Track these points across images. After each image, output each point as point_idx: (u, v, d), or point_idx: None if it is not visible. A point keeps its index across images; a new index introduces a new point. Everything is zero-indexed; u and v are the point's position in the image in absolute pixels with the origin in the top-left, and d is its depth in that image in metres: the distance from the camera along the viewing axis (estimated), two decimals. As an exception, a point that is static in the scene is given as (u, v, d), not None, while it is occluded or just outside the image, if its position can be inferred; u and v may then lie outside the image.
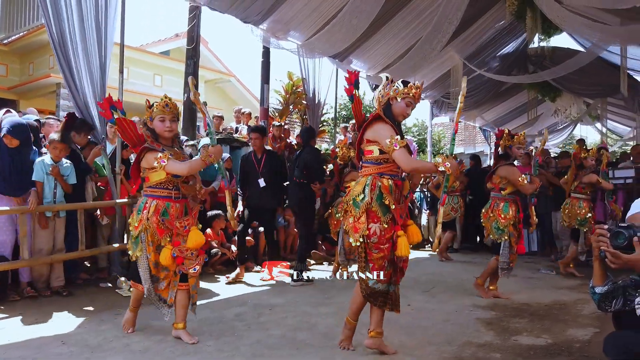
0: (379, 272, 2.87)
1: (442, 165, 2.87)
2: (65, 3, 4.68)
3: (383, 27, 8.27)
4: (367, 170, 2.97)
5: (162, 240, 3.06)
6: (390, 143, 2.81)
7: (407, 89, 2.97)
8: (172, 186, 3.11)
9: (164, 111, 3.10)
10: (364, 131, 3.00)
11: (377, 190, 2.86)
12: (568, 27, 7.54)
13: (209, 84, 16.73)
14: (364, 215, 2.86)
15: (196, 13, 7.72)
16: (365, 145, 2.99)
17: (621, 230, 1.96)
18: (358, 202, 2.90)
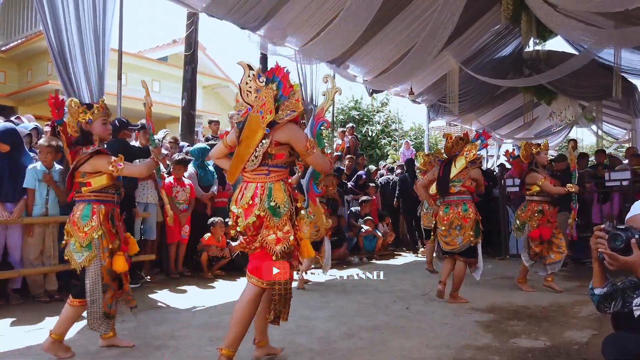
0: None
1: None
2: (64, 10, 4.71)
3: (379, 33, 8.33)
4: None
5: (113, 245, 2.97)
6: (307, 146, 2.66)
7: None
8: (114, 190, 3.03)
9: (107, 113, 3.05)
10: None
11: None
12: (562, 30, 7.61)
13: (206, 90, 16.77)
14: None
15: (194, 19, 7.76)
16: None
17: (619, 233, 1.99)
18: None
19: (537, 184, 5.05)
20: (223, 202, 6.68)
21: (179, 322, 3.84)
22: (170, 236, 5.79)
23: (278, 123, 2.58)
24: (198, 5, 6.53)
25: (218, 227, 6.02)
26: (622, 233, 1.98)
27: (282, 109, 2.61)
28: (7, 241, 4.37)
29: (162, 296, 4.83)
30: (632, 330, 2.06)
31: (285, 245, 2.59)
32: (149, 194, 5.55)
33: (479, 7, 8.54)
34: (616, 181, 7.18)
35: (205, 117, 14.23)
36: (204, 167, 6.45)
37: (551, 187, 5.04)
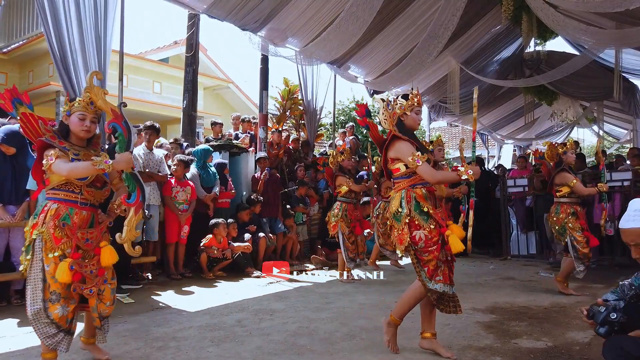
0: (434, 273, 2.96)
1: (464, 173, 3.01)
2: (65, 11, 4.73)
3: (380, 34, 8.35)
4: (400, 185, 3.13)
5: (58, 250, 2.58)
6: (412, 160, 2.98)
7: (410, 100, 3.17)
8: (77, 189, 2.67)
9: (87, 109, 2.71)
10: (386, 151, 3.18)
11: (413, 201, 3.02)
12: (563, 31, 7.60)
13: (207, 91, 16.78)
14: (406, 227, 3.00)
15: (195, 21, 7.77)
16: (390, 164, 3.17)
17: (594, 313, 2.13)
18: (398, 216, 3.04)
19: (568, 184, 4.89)
20: (226, 202, 6.69)
21: (180, 323, 3.84)
22: (169, 237, 5.80)
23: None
24: (199, 6, 6.55)
25: (221, 228, 6.03)
26: (598, 315, 2.12)
27: None
28: (10, 243, 4.38)
29: (163, 297, 4.83)
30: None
31: None
32: (151, 195, 5.55)
33: (480, 8, 8.55)
34: (617, 181, 7.17)
35: (207, 118, 14.26)
36: (206, 168, 6.46)
37: (583, 188, 4.94)
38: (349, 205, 5.71)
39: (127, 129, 2.73)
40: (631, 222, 2.05)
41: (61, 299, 2.60)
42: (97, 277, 2.72)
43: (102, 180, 2.77)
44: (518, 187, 8.39)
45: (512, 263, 7.72)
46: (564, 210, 4.97)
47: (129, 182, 2.73)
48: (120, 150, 2.71)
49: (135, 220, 2.66)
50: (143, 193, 2.69)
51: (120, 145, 2.73)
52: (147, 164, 5.57)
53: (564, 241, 5.02)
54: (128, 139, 2.73)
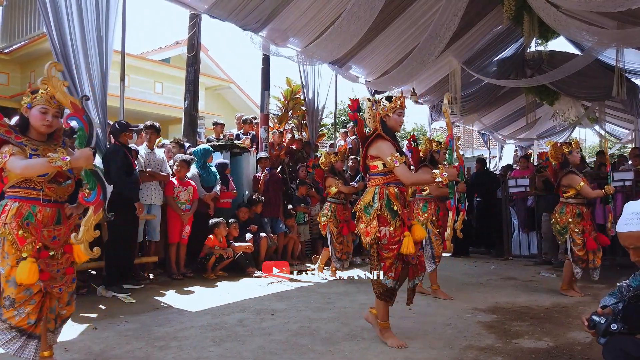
0: (389, 270, 3.16)
1: (439, 175, 3.12)
2: (67, 12, 4.74)
3: (381, 34, 8.35)
4: (375, 181, 3.29)
5: (23, 251, 2.43)
6: (391, 160, 3.13)
7: (393, 102, 3.32)
8: (39, 186, 2.52)
9: (49, 103, 2.55)
10: (367, 148, 3.32)
11: (385, 198, 3.18)
12: (565, 31, 7.59)
13: (209, 91, 16.79)
14: (375, 221, 3.18)
15: (196, 21, 7.78)
16: (369, 160, 3.31)
17: (595, 323, 2.12)
18: (369, 210, 3.21)
19: (575, 187, 4.84)
20: (227, 202, 6.69)
21: (181, 322, 3.84)
22: (171, 237, 5.80)
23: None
24: (200, 6, 6.55)
25: (221, 228, 6.04)
26: (599, 324, 2.11)
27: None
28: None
29: (164, 297, 4.83)
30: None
31: None
32: (153, 195, 5.56)
33: (481, 8, 8.54)
34: (619, 182, 7.16)
35: (208, 119, 14.27)
36: (206, 168, 6.46)
37: (590, 191, 4.88)
38: (338, 206, 5.86)
39: (88, 124, 2.57)
40: (628, 225, 2.04)
41: (16, 304, 2.44)
42: (65, 275, 2.61)
43: (65, 175, 2.59)
44: (519, 187, 8.38)
45: (513, 263, 7.72)
46: (569, 210, 4.92)
47: (89, 179, 2.56)
48: (79, 145, 2.55)
49: (94, 220, 2.51)
50: (104, 191, 2.56)
51: (80, 140, 2.56)
52: (148, 163, 5.58)
53: (563, 241, 5.02)
54: (89, 134, 2.57)
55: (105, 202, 2.58)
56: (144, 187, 5.47)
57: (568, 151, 4.98)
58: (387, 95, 3.46)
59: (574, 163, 4.97)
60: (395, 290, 3.26)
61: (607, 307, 2.20)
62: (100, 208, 2.55)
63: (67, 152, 2.45)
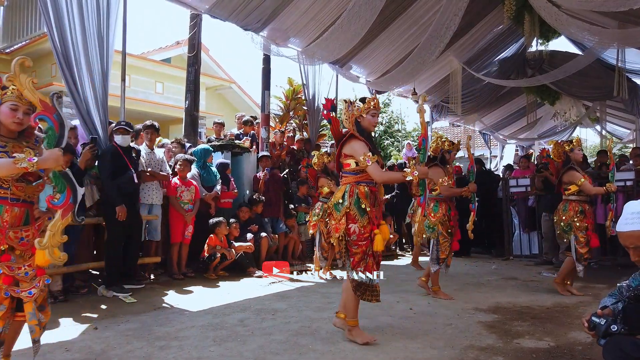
0: (358, 264, 3.26)
1: (409, 174, 3.24)
2: (68, 12, 4.74)
3: (382, 34, 8.34)
4: (347, 180, 3.39)
5: None
6: (363, 159, 3.23)
7: (366, 104, 3.40)
8: (6, 184, 2.39)
9: (21, 100, 2.42)
10: (341, 147, 3.41)
11: (354, 196, 3.28)
12: (566, 30, 7.58)
13: (210, 91, 16.80)
14: (344, 218, 3.28)
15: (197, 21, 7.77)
16: (343, 159, 3.42)
17: (595, 325, 2.13)
18: (339, 207, 3.32)
19: (576, 183, 4.82)
20: (228, 202, 6.68)
21: (182, 322, 3.85)
22: (174, 237, 5.80)
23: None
24: (201, 6, 6.55)
25: (222, 227, 6.04)
26: (600, 326, 2.12)
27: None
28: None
29: (165, 297, 4.84)
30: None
31: None
32: (154, 195, 5.55)
33: (482, 7, 8.53)
34: (620, 181, 7.16)
35: (209, 119, 14.26)
36: (207, 168, 6.47)
37: (591, 187, 4.88)
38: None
39: (59, 123, 2.42)
40: (629, 225, 2.04)
41: None
42: (36, 277, 2.44)
43: (35, 174, 2.45)
44: (520, 187, 8.38)
45: (514, 263, 7.72)
46: (572, 208, 4.89)
47: (58, 181, 2.42)
48: (49, 146, 2.42)
49: (61, 225, 2.36)
50: (74, 194, 2.44)
51: (50, 140, 2.42)
52: (148, 163, 5.58)
53: (567, 239, 4.98)
54: (60, 134, 2.44)
55: (75, 205, 2.45)
56: (145, 187, 5.46)
57: (570, 149, 4.97)
58: (362, 97, 3.53)
59: (576, 161, 4.96)
60: (373, 287, 3.32)
61: (607, 308, 2.20)
62: (70, 212, 2.41)
63: (34, 152, 2.34)
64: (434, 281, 4.91)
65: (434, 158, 4.93)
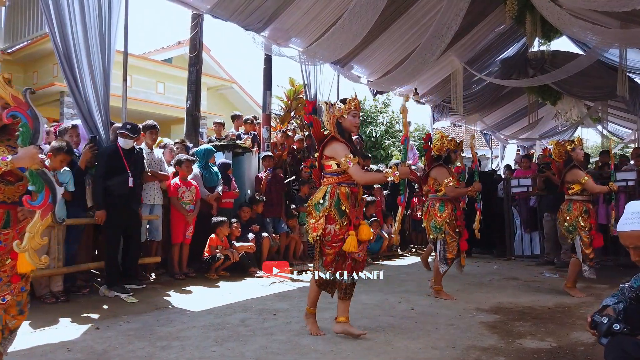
0: (330, 265, 3.34)
1: (390, 175, 3.25)
2: (69, 12, 4.75)
3: (383, 34, 8.34)
4: (328, 180, 3.42)
5: None
6: (345, 161, 3.26)
7: (347, 105, 3.42)
8: None
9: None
10: (323, 149, 3.44)
11: (335, 197, 3.31)
12: (568, 29, 7.57)
13: (211, 91, 16.81)
14: (323, 218, 3.31)
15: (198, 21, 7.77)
16: (324, 160, 3.44)
17: (597, 323, 2.12)
18: (319, 207, 3.35)
19: (579, 182, 4.80)
20: (229, 203, 6.68)
21: (184, 322, 3.85)
22: (175, 237, 5.80)
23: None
24: (203, 6, 6.56)
25: (225, 227, 6.03)
26: (601, 325, 2.12)
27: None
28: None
29: (167, 297, 4.84)
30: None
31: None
32: (155, 195, 5.55)
33: (483, 7, 8.52)
34: (622, 181, 7.15)
35: (210, 119, 14.25)
36: (208, 168, 6.47)
37: (594, 186, 4.85)
38: None
39: (33, 119, 2.30)
40: (629, 225, 2.04)
41: None
42: (12, 284, 2.33)
43: (16, 174, 2.33)
44: (522, 187, 8.37)
45: (515, 263, 7.71)
46: (577, 207, 4.85)
47: (35, 181, 2.28)
48: (23, 143, 2.29)
49: (41, 226, 2.26)
50: (53, 194, 2.33)
51: (24, 137, 2.29)
52: (148, 163, 5.58)
53: (572, 239, 4.94)
54: (34, 131, 2.31)
55: (54, 205, 2.35)
56: (147, 187, 5.46)
57: (571, 148, 4.95)
58: (342, 98, 3.54)
59: (578, 160, 4.94)
60: (334, 283, 3.42)
61: (608, 307, 2.19)
62: (49, 212, 2.30)
63: (8, 150, 2.24)
64: (437, 281, 4.90)
65: (438, 157, 4.90)
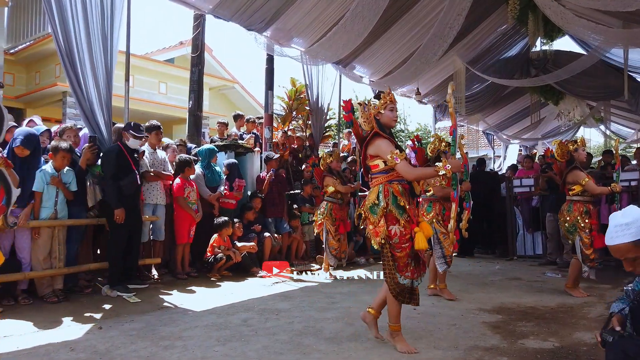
0: (405, 269, 3.11)
1: (442, 168, 3.07)
2: (72, 12, 4.76)
3: (385, 34, 8.34)
4: (378, 180, 3.24)
5: None
6: (391, 158, 3.09)
7: (382, 99, 3.30)
8: None
9: None
10: (366, 148, 3.28)
11: (390, 195, 3.13)
12: (571, 29, 7.56)
13: (213, 91, 16.81)
14: (382, 219, 3.13)
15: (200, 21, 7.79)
16: (369, 160, 3.27)
17: (607, 342, 2.09)
18: (375, 209, 3.16)
19: (580, 183, 4.80)
20: (231, 204, 6.65)
21: (186, 322, 3.85)
22: (180, 237, 5.79)
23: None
24: (205, 7, 6.57)
25: (229, 227, 6.03)
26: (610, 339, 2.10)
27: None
28: (15, 242, 4.40)
29: (169, 297, 4.84)
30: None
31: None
32: (158, 195, 5.55)
33: (486, 7, 8.52)
34: (625, 181, 7.13)
35: (212, 119, 14.28)
36: (211, 168, 6.47)
37: (595, 187, 4.85)
38: (335, 205, 5.97)
39: None
40: (615, 238, 2.02)
41: None
42: None
43: None
44: (524, 187, 8.35)
45: (518, 263, 7.69)
46: (577, 208, 4.86)
47: None
48: None
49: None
50: (8, 195, 2.21)
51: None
52: (152, 163, 5.59)
53: (572, 240, 4.95)
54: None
55: (8, 207, 2.22)
56: (150, 187, 5.46)
57: (574, 149, 4.95)
58: (376, 94, 3.43)
59: (580, 160, 4.94)
60: (414, 290, 3.18)
61: (615, 315, 2.17)
62: (1, 214, 2.18)
63: None
64: (441, 279, 4.91)
65: (430, 158, 4.93)
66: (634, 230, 1.97)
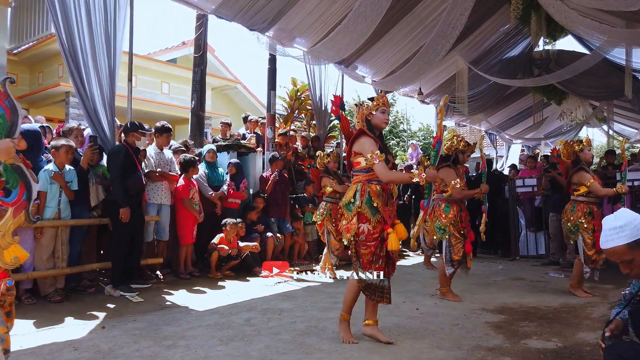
0: (368, 266, 3.20)
1: (417, 176, 3.13)
2: (75, 13, 4.78)
3: (387, 33, 8.33)
4: (357, 178, 3.31)
5: None
6: (370, 157, 3.16)
7: (375, 101, 3.35)
8: None
9: None
10: (351, 145, 3.34)
11: (366, 195, 3.21)
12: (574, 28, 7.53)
13: (215, 91, 16.84)
14: (355, 217, 3.21)
15: (203, 21, 7.81)
16: (353, 157, 3.35)
17: (607, 349, 2.07)
18: (350, 207, 3.26)
19: (585, 184, 4.78)
20: (235, 203, 6.65)
21: (189, 322, 3.86)
22: (183, 238, 5.80)
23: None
24: (207, 7, 6.57)
25: (234, 227, 6.03)
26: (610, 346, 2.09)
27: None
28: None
29: (172, 296, 4.85)
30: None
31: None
32: (162, 195, 5.56)
33: (488, 7, 8.50)
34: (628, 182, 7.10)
35: (214, 119, 14.31)
36: (213, 168, 6.48)
37: (600, 189, 4.81)
38: (334, 205, 5.96)
39: (11, 110, 2.15)
40: (609, 242, 2.02)
41: None
42: None
43: None
44: (527, 187, 8.34)
45: (520, 263, 7.68)
46: (580, 209, 4.84)
47: (10, 176, 2.13)
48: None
49: (12, 224, 2.09)
50: (29, 190, 2.19)
51: (0, 129, 2.13)
52: (158, 163, 5.60)
53: (574, 240, 4.94)
54: (12, 122, 2.16)
55: (29, 202, 2.20)
56: (155, 187, 5.46)
57: (580, 149, 4.92)
58: (371, 96, 3.48)
59: (586, 161, 4.91)
60: (383, 288, 3.25)
61: (614, 320, 2.16)
62: (23, 210, 2.16)
63: None
64: (442, 283, 4.86)
65: (446, 158, 4.79)
66: (627, 232, 1.97)
